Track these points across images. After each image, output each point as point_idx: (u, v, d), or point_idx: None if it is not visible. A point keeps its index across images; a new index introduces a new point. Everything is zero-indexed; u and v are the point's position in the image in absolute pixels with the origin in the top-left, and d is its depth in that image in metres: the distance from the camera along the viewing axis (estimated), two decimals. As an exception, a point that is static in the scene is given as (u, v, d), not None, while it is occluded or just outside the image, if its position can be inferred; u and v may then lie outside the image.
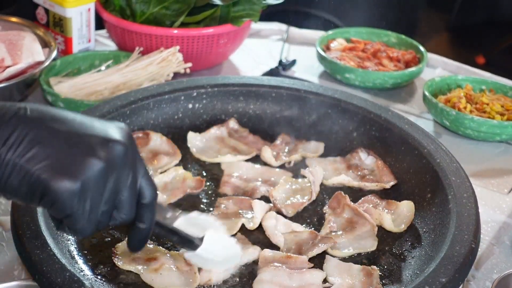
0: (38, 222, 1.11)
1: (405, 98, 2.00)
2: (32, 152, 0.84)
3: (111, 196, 0.90)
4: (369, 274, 1.18)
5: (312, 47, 2.17)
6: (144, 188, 0.95)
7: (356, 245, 1.27)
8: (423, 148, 1.40)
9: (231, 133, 1.56)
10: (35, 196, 0.85)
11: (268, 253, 1.21)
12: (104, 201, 0.89)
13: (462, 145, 1.75)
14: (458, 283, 1.08)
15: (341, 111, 1.55)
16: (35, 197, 0.85)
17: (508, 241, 1.41)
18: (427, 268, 1.11)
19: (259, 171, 1.47)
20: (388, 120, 1.49)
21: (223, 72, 2.05)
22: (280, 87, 1.60)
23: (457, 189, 1.27)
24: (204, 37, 1.88)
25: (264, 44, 2.29)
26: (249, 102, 1.60)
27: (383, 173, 1.45)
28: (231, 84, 1.60)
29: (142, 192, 0.95)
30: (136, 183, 0.93)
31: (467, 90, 1.86)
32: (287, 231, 1.28)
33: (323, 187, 1.43)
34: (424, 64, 2.02)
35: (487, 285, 1.28)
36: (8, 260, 1.25)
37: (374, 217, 1.31)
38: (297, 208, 1.36)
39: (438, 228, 1.24)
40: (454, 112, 1.73)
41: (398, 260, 1.24)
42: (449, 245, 1.13)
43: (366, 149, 1.50)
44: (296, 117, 1.59)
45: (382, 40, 2.19)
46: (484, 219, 1.41)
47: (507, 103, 1.80)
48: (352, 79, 1.98)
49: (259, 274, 1.17)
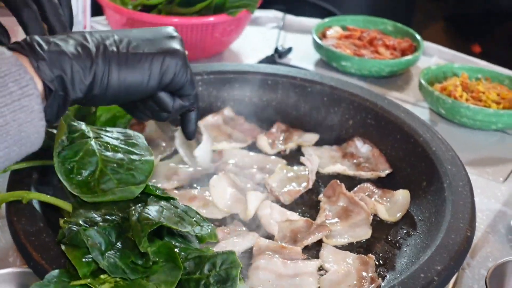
0: (33, 209, 1.10)
1: (401, 86, 2.00)
2: (133, 43, 1.04)
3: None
4: (365, 262, 1.18)
5: (308, 35, 2.16)
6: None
7: (351, 233, 1.27)
8: (418, 137, 1.40)
9: (226, 120, 1.55)
10: (156, 71, 1.05)
11: (262, 242, 1.21)
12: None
13: (458, 134, 1.75)
14: (453, 271, 1.08)
15: (337, 99, 1.55)
16: (156, 73, 1.05)
17: (503, 229, 1.41)
18: (423, 256, 1.11)
19: (255, 159, 1.46)
20: (384, 108, 1.49)
21: (224, 61, 2.05)
22: (276, 75, 1.60)
23: (452, 178, 1.27)
24: (199, 26, 1.88)
25: (260, 31, 2.28)
26: (245, 90, 1.59)
27: (378, 161, 1.45)
28: (227, 72, 1.59)
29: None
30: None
31: (463, 78, 1.86)
32: (282, 219, 1.28)
33: (319, 176, 1.43)
34: (420, 52, 2.02)
35: (482, 273, 1.28)
36: (3, 247, 1.25)
37: (369, 207, 1.31)
38: (294, 195, 1.36)
39: (434, 216, 1.24)
40: (450, 101, 1.73)
41: (393, 248, 1.24)
42: (445, 233, 1.13)
43: (362, 138, 1.50)
44: (292, 105, 1.59)
45: (378, 28, 2.19)
46: (480, 208, 1.42)
47: (503, 92, 1.80)
48: (348, 67, 1.98)
49: (255, 262, 1.17)
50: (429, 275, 1.04)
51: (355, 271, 1.17)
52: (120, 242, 1.02)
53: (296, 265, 1.16)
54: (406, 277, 1.04)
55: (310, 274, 1.15)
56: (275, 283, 1.13)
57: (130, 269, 0.99)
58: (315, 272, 1.16)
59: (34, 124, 0.90)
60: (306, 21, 2.35)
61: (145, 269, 1.00)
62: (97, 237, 1.00)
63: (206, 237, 1.10)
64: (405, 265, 1.18)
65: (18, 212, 1.10)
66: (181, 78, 1.09)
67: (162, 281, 0.98)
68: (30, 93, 0.89)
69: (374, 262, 1.19)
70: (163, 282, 0.98)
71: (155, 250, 1.02)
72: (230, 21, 1.92)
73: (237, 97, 1.60)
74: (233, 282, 0.96)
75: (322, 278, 1.15)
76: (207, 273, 0.99)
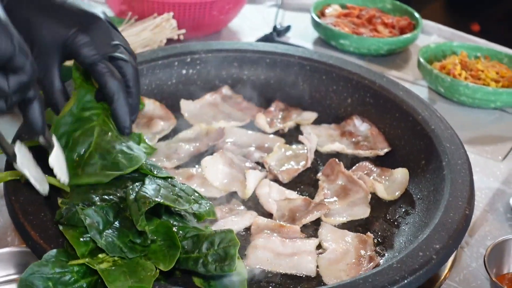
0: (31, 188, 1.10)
1: (399, 65, 1.99)
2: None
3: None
4: (364, 241, 1.18)
5: (307, 13, 2.15)
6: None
7: (349, 212, 1.27)
8: (417, 115, 1.39)
9: (225, 99, 1.55)
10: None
11: (261, 221, 1.21)
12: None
13: (457, 112, 1.75)
14: (452, 250, 1.08)
15: (336, 77, 1.54)
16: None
17: (502, 208, 1.41)
18: (421, 234, 1.11)
19: (253, 137, 1.46)
20: (383, 87, 1.48)
21: (222, 40, 2.04)
22: (274, 53, 1.59)
23: (451, 156, 1.27)
24: (197, 4, 1.86)
25: (258, 10, 2.27)
26: (243, 68, 1.59)
27: (377, 140, 1.44)
28: (225, 50, 1.59)
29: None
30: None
31: (462, 56, 1.86)
32: (280, 198, 1.28)
33: (317, 154, 1.43)
34: (419, 31, 2.01)
35: (481, 251, 1.29)
36: (1, 226, 1.25)
37: (368, 185, 1.31)
38: (292, 174, 1.35)
39: (432, 194, 1.24)
40: (449, 79, 1.73)
41: (392, 226, 1.24)
42: (443, 212, 1.13)
43: (360, 116, 1.49)
44: (290, 83, 1.58)
45: (377, 6, 2.18)
46: (478, 186, 1.41)
47: (502, 70, 1.80)
48: (346, 45, 1.97)
49: (253, 240, 1.17)
50: (428, 253, 1.04)
51: (353, 249, 1.17)
52: (118, 221, 1.03)
53: (294, 244, 1.16)
54: (404, 255, 1.04)
55: (309, 252, 1.15)
56: (274, 261, 1.13)
57: (128, 248, 0.99)
58: (313, 250, 1.16)
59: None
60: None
61: (143, 248, 1.00)
62: (94, 216, 1.00)
63: (204, 214, 1.10)
64: (403, 243, 1.18)
65: (17, 191, 1.10)
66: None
67: (160, 259, 0.98)
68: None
69: (372, 241, 1.19)
70: (161, 261, 0.98)
71: (153, 229, 1.02)
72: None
73: (235, 76, 1.59)
74: (231, 261, 0.96)
75: (321, 257, 1.15)
76: (205, 251, 0.99)
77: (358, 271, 1.12)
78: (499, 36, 2.53)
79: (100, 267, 0.95)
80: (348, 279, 1.02)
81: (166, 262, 0.98)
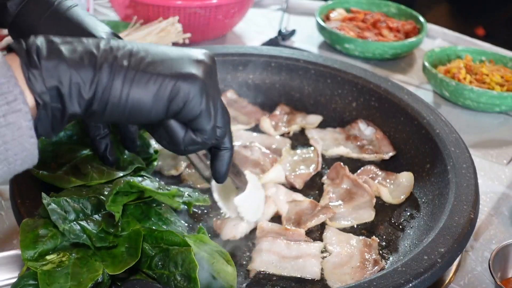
0: (37, 191, 1.10)
1: (404, 69, 1.99)
2: (147, 60, 0.90)
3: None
4: (368, 244, 1.18)
5: (312, 17, 2.15)
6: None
7: (354, 216, 1.27)
8: (422, 119, 1.39)
9: (230, 103, 1.55)
10: (164, 96, 0.90)
11: (266, 225, 1.21)
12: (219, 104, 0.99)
13: (462, 116, 1.75)
14: (456, 253, 1.08)
15: (341, 81, 1.54)
16: (165, 98, 0.90)
17: (507, 211, 1.41)
18: (426, 238, 1.11)
19: (260, 139, 1.46)
20: (388, 91, 1.48)
21: (227, 44, 2.04)
22: (279, 57, 1.59)
23: (456, 160, 1.27)
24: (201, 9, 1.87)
25: (263, 14, 2.28)
26: (248, 72, 1.59)
27: (382, 143, 1.45)
28: (230, 54, 1.59)
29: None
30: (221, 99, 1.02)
31: (467, 60, 1.86)
32: (287, 200, 1.28)
33: (323, 158, 1.43)
34: (424, 35, 2.01)
35: (486, 255, 1.28)
36: (7, 229, 1.26)
37: (373, 189, 1.32)
38: (305, 178, 1.35)
39: (437, 198, 1.24)
40: (453, 83, 1.73)
41: (396, 230, 1.24)
42: (448, 216, 1.13)
43: (365, 120, 1.49)
44: (295, 87, 1.58)
45: (382, 11, 2.18)
46: (483, 190, 1.42)
47: (507, 74, 1.80)
48: (351, 49, 1.97)
49: (258, 244, 1.17)
50: (433, 257, 1.04)
51: (358, 253, 1.17)
52: (99, 215, 1.03)
53: (299, 247, 1.16)
54: (409, 259, 1.04)
55: (314, 255, 1.15)
56: (279, 264, 1.13)
57: (97, 237, 0.99)
58: (318, 254, 1.16)
59: (22, 141, 0.81)
60: (310, 3, 2.34)
61: (114, 239, 1.00)
62: (65, 205, 1.00)
63: (193, 201, 1.10)
64: (408, 247, 1.18)
65: (22, 194, 1.10)
66: (193, 108, 0.93)
67: (114, 263, 0.97)
68: (18, 108, 0.80)
69: (377, 244, 1.19)
70: (114, 264, 0.96)
71: (126, 235, 1.01)
72: (234, 3, 1.91)
73: (240, 80, 1.60)
74: (195, 284, 0.95)
75: (325, 260, 1.16)
76: (173, 270, 0.98)
77: (363, 275, 1.12)
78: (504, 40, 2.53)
79: (42, 269, 0.93)
80: (352, 283, 1.02)
81: (117, 267, 0.96)
